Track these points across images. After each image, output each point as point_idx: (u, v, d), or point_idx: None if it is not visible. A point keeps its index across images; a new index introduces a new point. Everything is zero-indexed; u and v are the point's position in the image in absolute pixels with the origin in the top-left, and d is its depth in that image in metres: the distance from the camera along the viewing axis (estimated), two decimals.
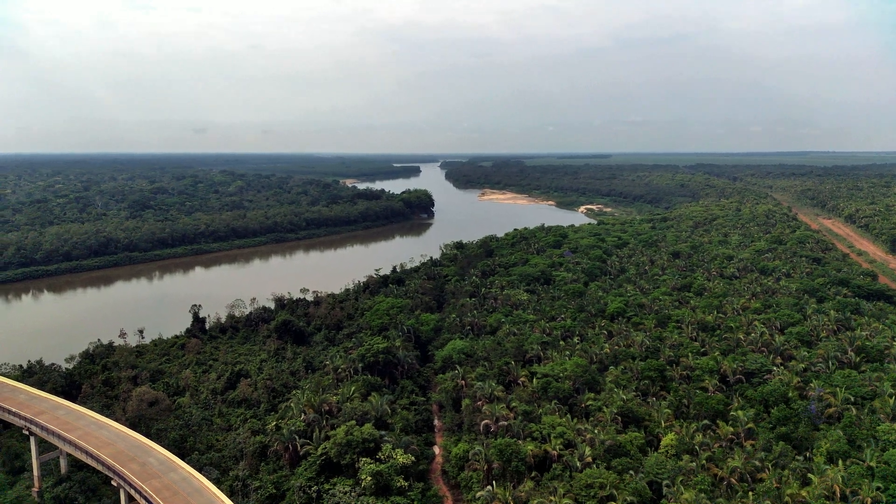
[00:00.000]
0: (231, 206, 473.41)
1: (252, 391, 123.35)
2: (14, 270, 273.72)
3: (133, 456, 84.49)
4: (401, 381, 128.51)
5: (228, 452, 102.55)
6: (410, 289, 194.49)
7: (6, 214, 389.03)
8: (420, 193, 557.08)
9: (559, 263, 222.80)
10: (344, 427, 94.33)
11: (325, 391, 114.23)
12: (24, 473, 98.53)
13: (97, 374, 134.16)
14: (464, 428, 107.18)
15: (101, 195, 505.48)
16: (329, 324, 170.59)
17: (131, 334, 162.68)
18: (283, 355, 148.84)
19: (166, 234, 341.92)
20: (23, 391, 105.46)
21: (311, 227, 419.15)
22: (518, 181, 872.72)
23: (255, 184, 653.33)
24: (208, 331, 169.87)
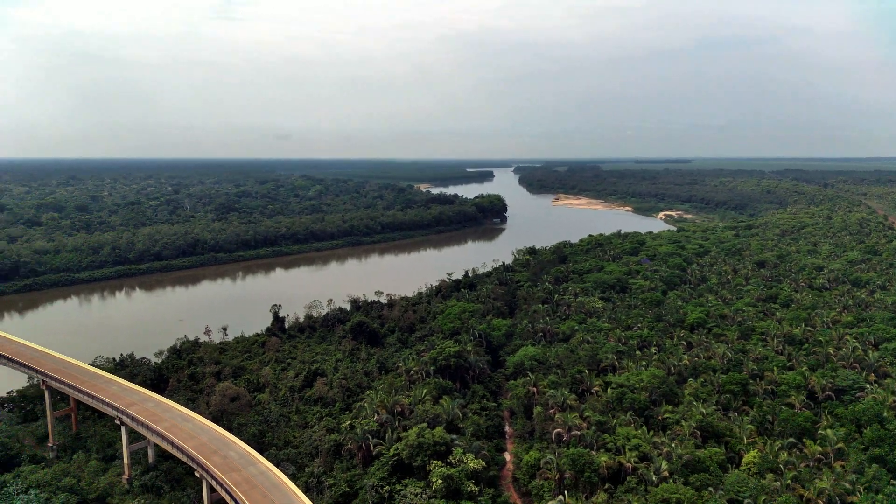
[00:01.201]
0: (310, 209, 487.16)
1: (328, 390, 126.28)
2: (109, 268, 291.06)
3: (215, 449, 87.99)
4: (472, 385, 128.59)
5: (304, 449, 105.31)
6: (482, 294, 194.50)
7: (103, 216, 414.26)
8: (493, 198, 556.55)
9: (636, 271, 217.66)
10: (416, 429, 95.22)
11: (397, 393, 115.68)
12: (116, 461, 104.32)
13: (183, 368, 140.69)
14: (535, 435, 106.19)
15: (190, 198, 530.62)
16: (402, 326, 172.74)
17: (216, 331, 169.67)
18: (357, 356, 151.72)
19: (249, 236, 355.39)
20: (115, 383, 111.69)
21: (386, 231, 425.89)
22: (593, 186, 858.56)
23: (334, 188, 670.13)
24: (287, 330, 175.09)
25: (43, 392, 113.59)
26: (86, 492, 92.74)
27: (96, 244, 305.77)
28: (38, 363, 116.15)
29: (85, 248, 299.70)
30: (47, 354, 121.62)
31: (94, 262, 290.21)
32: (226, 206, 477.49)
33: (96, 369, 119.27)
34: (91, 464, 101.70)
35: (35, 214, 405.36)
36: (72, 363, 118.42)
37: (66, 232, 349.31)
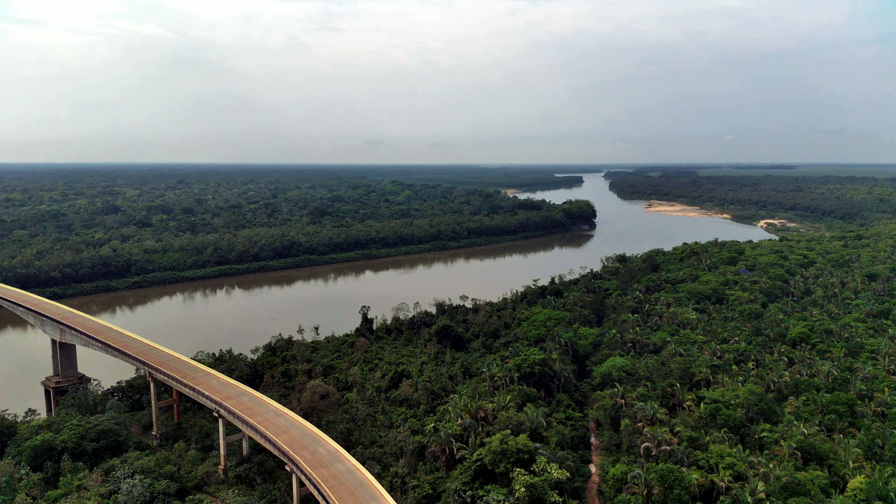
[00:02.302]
0: (399, 214, 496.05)
1: (413, 392, 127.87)
2: (211, 268, 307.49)
3: (305, 444, 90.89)
4: (557, 394, 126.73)
5: (389, 449, 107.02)
6: (569, 301, 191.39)
7: (207, 218, 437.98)
8: (581, 204, 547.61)
9: (734, 282, 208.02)
10: (499, 435, 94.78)
11: (481, 398, 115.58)
12: (213, 452, 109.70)
13: (277, 365, 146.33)
14: (622, 449, 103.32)
15: (287, 202, 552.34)
16: (486, 331, 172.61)
17: (308, 330, 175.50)
18: (442, 359, 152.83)
19: (341, 240, 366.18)
20: (214, 377, 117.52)
21: (472, 236, 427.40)
22: (689, 192, 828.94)
23: (422, 193, 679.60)
24: (375, 331, 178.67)
25: (149, 383, 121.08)
26: (185, 479, 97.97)
27: (200, 245, 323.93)
28: (145, 356, 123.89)
29: (190, 248, 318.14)
30: (153, 348, 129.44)
31: (198, 261, 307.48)
32: (320, 210, 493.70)
33: (197, 363, 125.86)
34: (190, 453, 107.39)
35: (145, 216, 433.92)
36: (175, 357, 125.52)
37: (173, 233, 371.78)
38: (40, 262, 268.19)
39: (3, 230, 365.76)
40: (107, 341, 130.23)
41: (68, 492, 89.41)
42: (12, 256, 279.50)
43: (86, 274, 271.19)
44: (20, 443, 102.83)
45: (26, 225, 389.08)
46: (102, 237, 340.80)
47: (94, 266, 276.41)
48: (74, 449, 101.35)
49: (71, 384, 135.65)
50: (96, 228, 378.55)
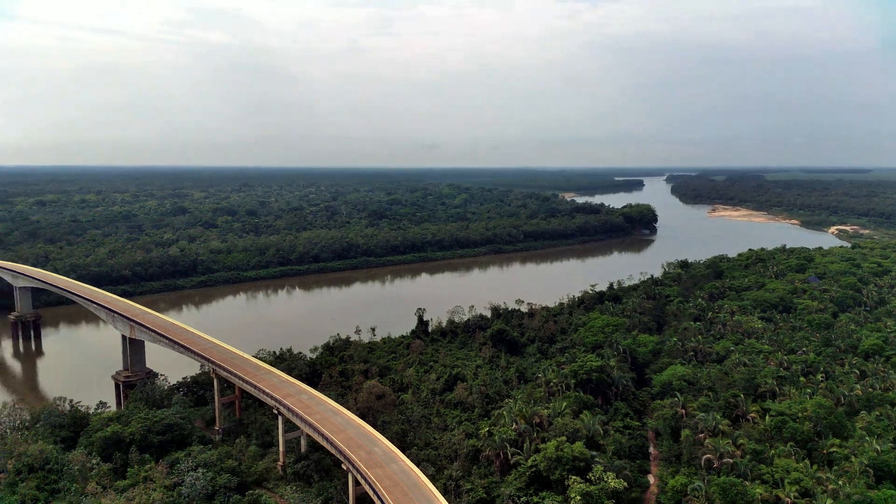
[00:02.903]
0: (455, 217, 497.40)
1: (467, 395, 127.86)
2: (273, 268, 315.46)
3: (361, 444, 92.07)
4: (614, 402, 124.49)
5: (444, 452, 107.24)
6: (628, 307, 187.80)
7: (269, 220, 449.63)
8: (642, 208, 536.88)
9: (802, 290, 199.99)
10: (554, 442, 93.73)
11: (536, 403, 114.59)
12: (272, 448, 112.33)
13: (335, 365, 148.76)
14: (682, 460, 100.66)
15: (346, 205, 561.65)
16: (542, 336, 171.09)
17: (365, 331, 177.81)
18: (497, 363, 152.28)
19: (398, 242, 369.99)
20: (275, 375, 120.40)
21: (529, 240, 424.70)
22: (755, 197, 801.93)
23: (479, 197, 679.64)
24: (430, 333, 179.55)
25: (212, 379, 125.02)
26: (245, 474, 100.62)
27: (263, 246, 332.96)
28: (209, 353, 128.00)
29: (253, 249, 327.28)
30: (217, 345, 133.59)
31: (261, 261, 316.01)
32: (378, 212, 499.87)
33: (259, 361, 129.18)
34: (251, 449, 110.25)
35: (211, 217, 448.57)
36: (238, 354, 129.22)
37: (238, 234, 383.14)
38: (112, 261, 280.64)
39: (79, 230, 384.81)
40: (173, 338, 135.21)
41: (135, 482, 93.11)
42: (87, 255, 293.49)
43: (155, 273, 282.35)
44: (91, 434, 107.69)
45: (100, 225, 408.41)
46: (171, 237, 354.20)
47: (163, 265, 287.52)
48: (142, 441, 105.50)
49: (139, 378, 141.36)
50: (165, 229, 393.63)
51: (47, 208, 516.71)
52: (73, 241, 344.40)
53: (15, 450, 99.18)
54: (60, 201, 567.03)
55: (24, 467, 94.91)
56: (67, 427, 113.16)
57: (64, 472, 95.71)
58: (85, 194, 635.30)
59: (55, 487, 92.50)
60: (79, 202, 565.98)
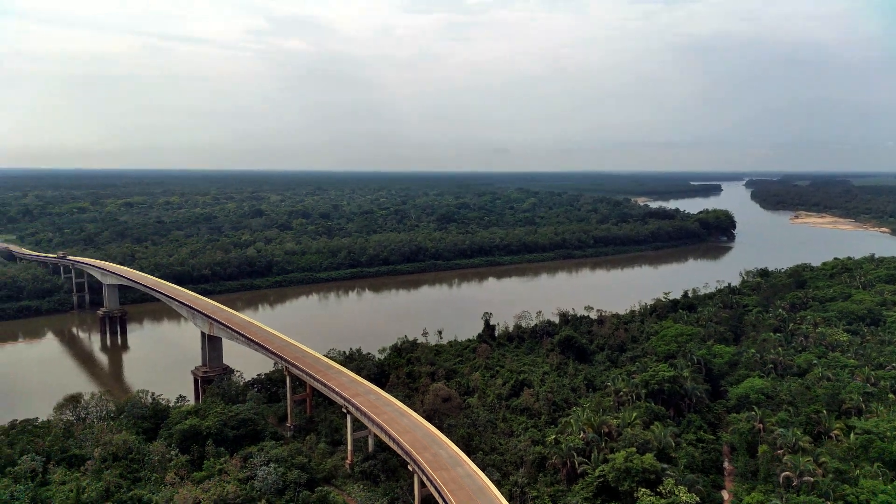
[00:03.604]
0: (524, 221, 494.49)
1: (534, 401, 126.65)
2: (344, 270, 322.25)
3: (427, 445, 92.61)
4: (687, 414, 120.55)
5: (509, 457, 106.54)
6: (703, 316, 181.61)
7: (341, 223, 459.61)
8: (719, 214, 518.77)
9: (892, 302, 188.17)
10: (623, 452, 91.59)
11: (605, 413, 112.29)
12: (341, 446, 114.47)
13: (402, 366, 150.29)
14: (759, 476, 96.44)
15: (415, 209, 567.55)
16: (612, 344, 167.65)
17: (432, 333, 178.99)
18: (564, 370, 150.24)
19: (466, 246, 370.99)
20: (344, 374, 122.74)
21: (599, 245, 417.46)
22: (841, 203, 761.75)
23: (547, 201, 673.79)
24: (497, 338, 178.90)
25: (285, 377, 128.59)
26: (315, 471, 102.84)
27: (335, 248, 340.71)
28: (282, 351, 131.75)
29: (325, 251, 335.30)
30: (290, 343, 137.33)
31: (333, 263, 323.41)
32: (446, 216, 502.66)
33: (329, 360, 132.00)
34: (320, 446, 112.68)
35: (287, 220, 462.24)
36: (310, 353, 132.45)
37: (311, 236, 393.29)
38: (194, 261, 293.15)
39: (163, 230, 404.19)
40: (249, 336, 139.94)
41: (211, 474, 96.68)
42: (170, 254, 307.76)
43: (233, 272, 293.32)
44: (171, 426, 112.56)
45: (183, 226, 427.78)
46: (248, 239, 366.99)
47: (241, 265, 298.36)
48: (217, 435, 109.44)
49: (217, 374, 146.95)
50: (243, 231, 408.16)
51: (134, 210, 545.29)
52: (157, 240, 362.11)
53: (101, 438, 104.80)
54: (146, 203, 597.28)
55: (109, 455, 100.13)
56: (149, 419, 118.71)
57: (145, 462, 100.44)
58: (169, 196, 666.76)
59: (137, 476, 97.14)
60: (163, 204, 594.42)
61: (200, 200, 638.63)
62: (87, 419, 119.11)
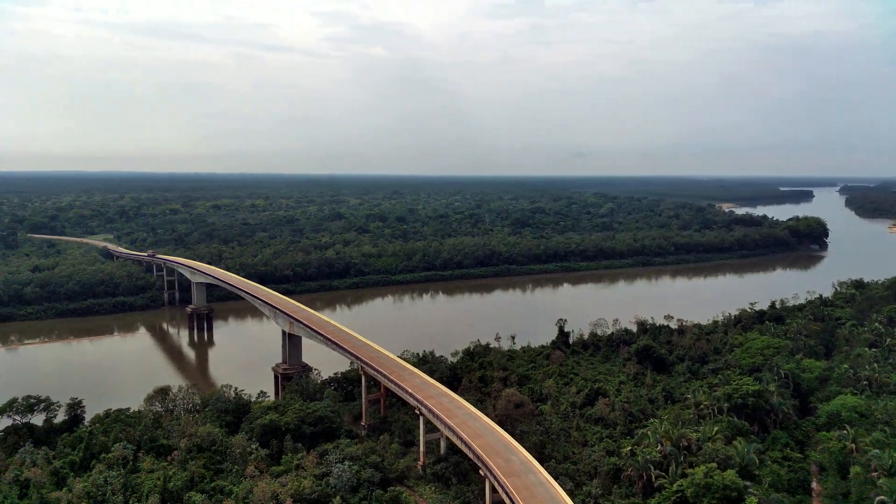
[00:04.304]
0: (601, 227, 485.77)
1: (609, 411, 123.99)
2: (419, 273, 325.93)
3: (499, 451, 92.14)
4: (772, 430, 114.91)
5: (583, 467, 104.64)
6: (791, 329, 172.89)
7: (417, 226, 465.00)
8: (810, 221, 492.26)
9: None
10: (703, 468, 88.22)
11: (684, 425, 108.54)
12: (413, 448, 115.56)
13: (474, 370, 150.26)
14: (850, 499, 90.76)
15: (490, 213, 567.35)
16: (693, 355, 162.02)
17: (505, 338, 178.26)
18: (641, 380, 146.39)
19: (540, 251, 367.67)
20: (417, 376, 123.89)
21: (680, 252, 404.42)
22: None
23: (626, 206, 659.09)
24: (571, 345, 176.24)
25: (360, 376, 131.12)
26: (388, 471, 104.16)
27: (410, 251, 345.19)
28: (358, 351, 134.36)
29: (401, 253, 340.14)
30: (365, 344, 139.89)
31: (408, 266, 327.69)
32: (521, 221, 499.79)
33: (403, 361, 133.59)
34: (393, 446, 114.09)
35: (364, 223, 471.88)
36: (384, 354, 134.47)
37: (388, 239, 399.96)
38: (276, 261, 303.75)
39: (249, 232, 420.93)
40: (327, 335, 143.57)
41: (288, 469, 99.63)
42: (254, 255, 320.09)
43: (313, 273, 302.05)
44: (252, 420, 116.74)
45: (267, 228, 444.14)
46: (328, 241, 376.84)
47: (320, 267, 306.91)
48: (295, 431, 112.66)
49: (296, 371, 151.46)
50: (323, 233, 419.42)
51: (222, 212, 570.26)
52: (243, 241, 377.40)
53: (187, 430, 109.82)
54: (233, 206, 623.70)
55: (194, 447, 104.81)
56: (232, 412, 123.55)
57: (227, 454, 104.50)
58: (255, 199, 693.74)
59: (219, 467, 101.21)
60: (249, 207, 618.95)
61: (284, 203, 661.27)
62: (175, 411, 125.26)
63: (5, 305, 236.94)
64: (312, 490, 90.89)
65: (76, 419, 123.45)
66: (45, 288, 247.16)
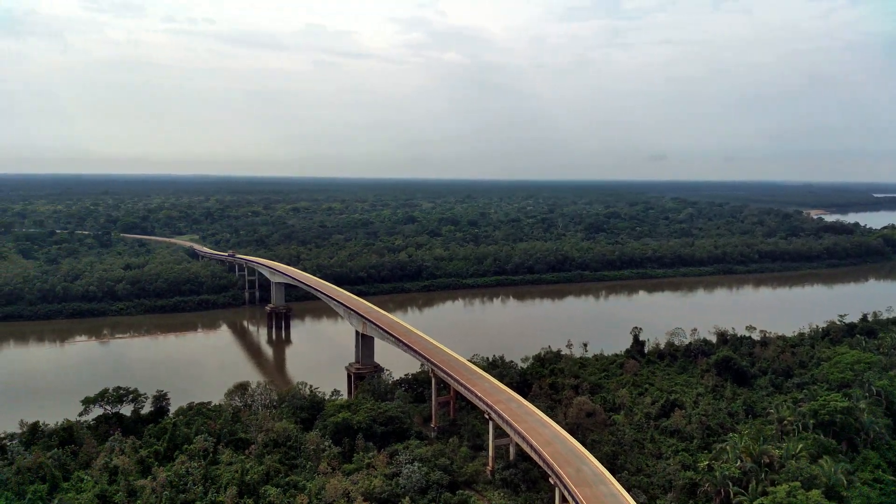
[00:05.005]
0: (679, 233, 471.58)
1: (686, 423, 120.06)
2: (490, 277, 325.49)
3: (569, 460, 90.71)
4: (862, 450, 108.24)
5: (657, 480, 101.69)
6: (885, 343, 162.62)
7: (488, 230, 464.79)
8: None
9: None
10: (786, 486, 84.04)
11: (765, 441, 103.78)
12: (482, 452, 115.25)
13: (545, 377, 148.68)
14: None
15: (563, 217, 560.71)
16: (776, 369, 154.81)
17: (576, 345, 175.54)
18: (721, 393, 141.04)
19: (615, 257, 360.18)
20: (487, 380, 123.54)
21: (764, 261, 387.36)
22: None
23: (707, 212, 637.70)
24: (646, 354, 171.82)
25: (430, 379, 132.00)
26: (456, 474, 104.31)
27: (481, 255, 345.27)
28: (429, 353, 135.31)
29: (472, 257, 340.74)
30: (436, 346, 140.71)
31: (478, 270, 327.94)
32: (594, 225, 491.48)
33: (473, 365, 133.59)
34: (462, 450, 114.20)
35: (437, 226, 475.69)
36: (454, 357, 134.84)
37: (459, 243, 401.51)
38: (351, 263, 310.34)
39: (325, 234, 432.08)
40: (399, 336, 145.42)
41: (360, 467, 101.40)
42: (330, 257, 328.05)
43: (386, 275, 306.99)
44: (326, 418, 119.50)
45: (342, 230, 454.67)
46: (401, 244, 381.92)
47: (393, 269, 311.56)
48: (367, 430, 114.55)
49: (368, 371, 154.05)
50: (396, 236, 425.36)
51: (300, 214, 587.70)
52: (319, 243, 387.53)
53: (264, 425, 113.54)
54: (311, 209, 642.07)
55: (270, 441, 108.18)
56: (306, 409, 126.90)
57: (301, 450, 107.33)
58: (331, 203, 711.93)
59: (294, 463, 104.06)
60: (326, 210, 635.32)
61: (359, 207, 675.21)
62: (253, 406, 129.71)
63: (99, 301, 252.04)
64: (382, 489, 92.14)
65: (161, 411, 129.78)
66: (136, 285, 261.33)
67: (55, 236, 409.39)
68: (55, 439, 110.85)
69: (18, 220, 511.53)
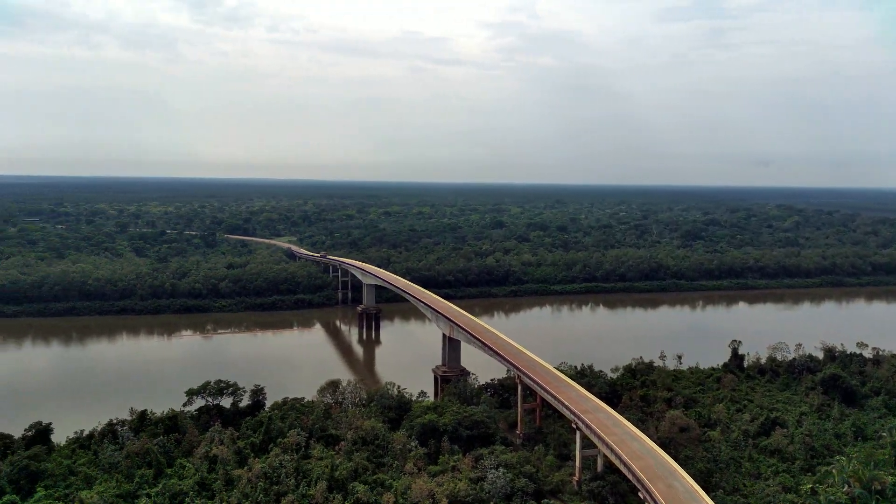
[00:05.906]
0: (784, 242, 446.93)
1: (787, 443, 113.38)
2: (579, 284, 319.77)
3: (660, 475, 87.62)
4: None
5: (755, 501, 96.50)
6: None
7: (578, 236, 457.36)
8: None
9: None
10: None
11: (877, 466, 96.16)
12: (568, 462, 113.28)
13: (636, 388, 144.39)
14: None
15: (657, 224, 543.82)
16: (890, 389, 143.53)
17: (670, 357, 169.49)
18: (827, 413, 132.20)
19: (713, 266, 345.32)
20: (574, 389, 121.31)
21: (879, 273, 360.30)
22: None
23: (814, 220, 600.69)
24: (745, 369, 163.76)
25: (516, 385, 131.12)
26: (542, 482, 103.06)
27: (570, 261, 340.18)
28: (515, 359, 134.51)
29: (561, 263, 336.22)
30: (522, 352, 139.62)
31: (567, 276, 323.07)
32: (692, 233, 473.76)
33: (560, 373, 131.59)
34: (548, 458, 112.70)
35: (525, 232, 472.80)
36: (541, 364, 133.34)
37: (548, 248, 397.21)
38: (439, 267, 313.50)
39: (415, 238, 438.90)
40: (485, 341, 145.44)
41: (445, 469, 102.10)
42: (419, 260, 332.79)
43: (473, 280, 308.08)
44: (412, 419, 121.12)
45: (431, 234, 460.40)
46: (488, 248, 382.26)
47: (480, 273, 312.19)
48: (452, 433, 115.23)
49: (454, 374, 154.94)
50: (484, 241, 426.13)
51: (391, 218, 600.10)
52: (409, 247, 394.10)
53: (353, 423, 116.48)
54: (402, 212, 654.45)
55: (359, 439, 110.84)
56: (394, 409, 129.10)
57: (388, 449, 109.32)
58: (421, 207, 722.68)
59: (381, 461, 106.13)
60: (416, 214, 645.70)
61: (448, 211, 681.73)
62: (343, 403, 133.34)
63: (204, 298, 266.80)
64: (467, 493, 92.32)
65: (258, 404, 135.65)
66: (237, 283, 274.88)
67: (165, 236, 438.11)
68: (161, 427, 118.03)
69: (133, 220, 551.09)
